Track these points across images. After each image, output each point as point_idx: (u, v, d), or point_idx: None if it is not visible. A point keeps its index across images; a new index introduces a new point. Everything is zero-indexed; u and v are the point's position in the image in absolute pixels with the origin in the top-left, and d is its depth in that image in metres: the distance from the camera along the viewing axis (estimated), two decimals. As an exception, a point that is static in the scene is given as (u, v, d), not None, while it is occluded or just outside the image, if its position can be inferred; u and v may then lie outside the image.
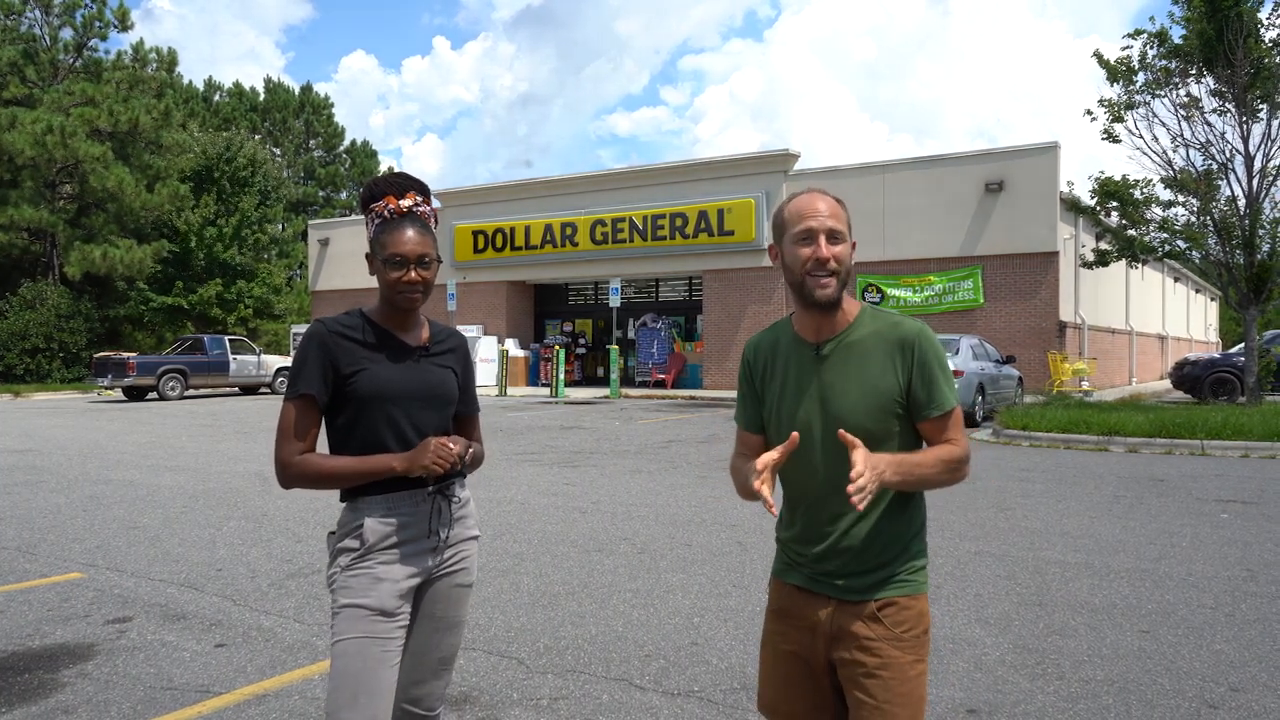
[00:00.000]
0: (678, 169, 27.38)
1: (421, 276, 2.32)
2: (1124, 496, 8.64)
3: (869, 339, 2.02)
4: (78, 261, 31.56)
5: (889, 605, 1.99)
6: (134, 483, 9.82)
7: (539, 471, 10.45)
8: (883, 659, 1.96)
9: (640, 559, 6.20)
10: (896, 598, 2.00)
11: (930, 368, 2.00)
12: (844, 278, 2.00)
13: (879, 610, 1.99)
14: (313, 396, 2.28)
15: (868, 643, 1.97)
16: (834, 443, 1.97)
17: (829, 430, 1.99)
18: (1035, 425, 13.89)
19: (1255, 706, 3.66)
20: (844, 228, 2.00)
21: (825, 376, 2.02)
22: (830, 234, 1.97)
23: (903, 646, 1.97)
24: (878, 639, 1.97)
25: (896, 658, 1.96)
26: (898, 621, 1.98)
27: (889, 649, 1.96)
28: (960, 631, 4.61)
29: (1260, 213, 17.09)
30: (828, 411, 2.01)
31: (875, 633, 1.98)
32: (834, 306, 2.01)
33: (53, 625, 4.85)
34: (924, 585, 2.06)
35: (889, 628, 1.98)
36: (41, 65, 34.79)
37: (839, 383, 2.01)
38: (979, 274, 23.03)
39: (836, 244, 1.97)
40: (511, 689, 3.91)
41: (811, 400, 2.03)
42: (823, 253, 1.96)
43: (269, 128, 55.97)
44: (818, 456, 2.02)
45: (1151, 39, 17.40)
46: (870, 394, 1.99)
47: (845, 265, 1.99)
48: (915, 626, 2.00)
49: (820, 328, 2.05)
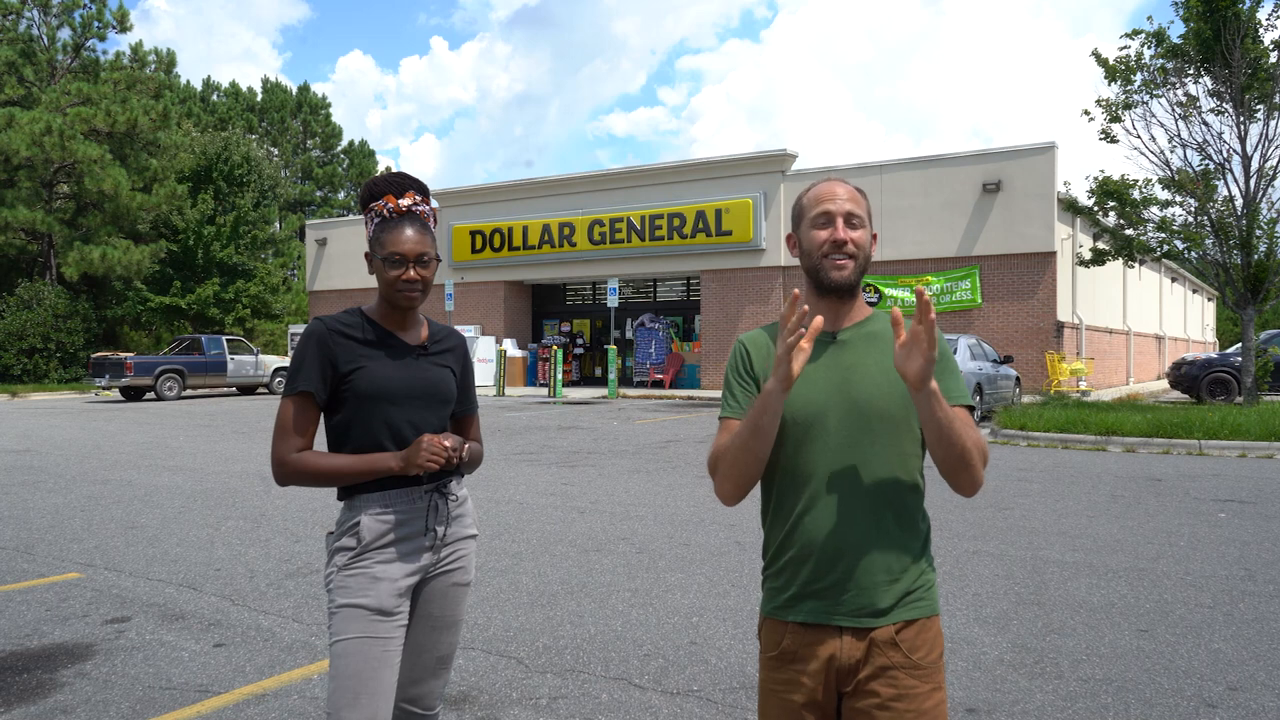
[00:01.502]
0: (675, 169, 27.38)
1: (420, 275, 2.33)
2: (1122, 496, 8.65)
3: (888, 332, 1.94)
4: (75, 262, 31.52)
5: (905, 628, 1.84)
6: (132, 483, 9.81)
7: (537, 471, 10.45)
8: (898, 690, 1.81)
9: (639, 558, 6.20)
10: (913, 619, 1.85)
11: (949, 360, 1.94)
12: (862, 263, 1.93)
13: (896, 634, 1.83)
14: (311, 394, 2.28)
15: (882, 672, 1.82)
16: (849, 430, 1.86)
17: (848, 415, 1.87)
18: (1033, 425, 13.90)
19: (1253, 705, 3.67)
20: (863, 214, 1.93)
21: (846, 361, 1.91)
22: (848, 217, 1.91)
23: (920, 675, 1.83)
24: (894, 667, 1.82)
25: (914, 687, 1.81)
26: (914, 647, 1.84)
27: (905, 678, 1.81)
28: (959, 631, 4.62)
29: (1257, 213, 17.11)
30: (848, 395, 1.88)
31: (891, 660, 1.82)
32: (849, 292, 1.93)
33: (51, 625, 4.84)
34: (937, 605, 1.92)
35: (905, 654, 1.83)
36: (39, 65, 34.75)
37: (861, 366, 1.90)
38: (976, 274, 23.05)
39: (855, 228, 1.91)
40: (510, 688, 3.91)
41: (829, 385, 1.89)
42: (840, 234, 1.90)
43: (266, 127, 55.93)
44: (831, 446, 1.87)
45: (1149, 39, 17.42)
46: (895, 377, 1.87)
47: (864, 251, 1.92)
48: (932, 651, 1.86)
49: (837, 316, 1.95)
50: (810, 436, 1.87)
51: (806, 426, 1.88)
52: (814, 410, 1.88)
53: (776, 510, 1.94)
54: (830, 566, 1.85)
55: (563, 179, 29.32)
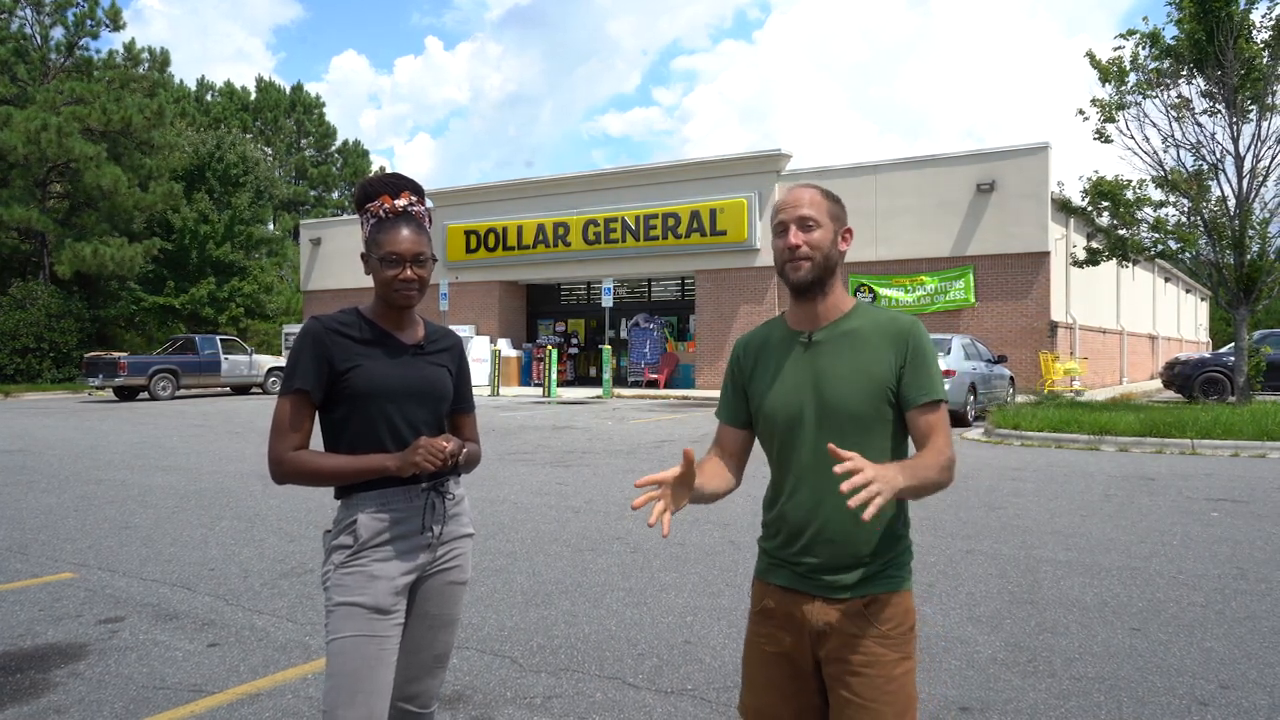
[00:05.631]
0: (670, 169, 27.39)
1: (417, 274, 2.34)
2: (1115, 495, 8.67)
3: (866, 328, 2.05)
4: (68, 260, 31.41)
5: (874, 601, 1.99)
6: (126, 483, 9.79)
7: (532, 471, 10.44)
8: (868, 656, 1.96)
9: (633, 558, 6.20)
10: (881, 594, 2.00)
11: (924, 357, 2.03)
12: (820, 261, 2.03)
13: (864, 607, 1.99)
14: (307, 393, 2.29)
15: (853, 640, 1.98)
16: (824, 429, 2.01)
17: (820, 415, 2.02)
18: (1027, 424, 13.94)
19: (1245, 704, 3.68)
20: (819, 215, 2.04)
21: (818, 363, 2.05)
22: (801, 221, 2.03)
23: (888, 644, 1.97)
24: (863, 636, 1.97)
25: (882, 655, 1.96)
26: (883, 618, 1.98)
27: (874, 646, 1.97)
28: (952, 629, 4.63)
29: (1250, 213, 17.16)
30: (820, 396, 2.02)
31: (860, 629, 1.98)
32: (812, 289, 2.05)
33: (44, 625, 4.83)
34: (909, 581, 2.06)
35: (874, 624, 1.98)
36: (32, 64, 34.66)
37: (832, 368, 2.03)
38: (970, 274, 23.10)
39: (809, 231, 2.03)
40: (505, 688, 3.91)
41: (803, 387, 2.05)
42: (790, 240, 2.03)
43: (260, 127, 55.83)
44: (807, 444, 2.03)
45: (1144, 40, 17.46)
46: (864, 378, 2.01)
47: (821, 249, 2.03)
48: (901, 623, 2.00)
49: (813, 317, 2.09)
50: (791, 435, 2.06)
51: (788, 426, 2.06)
52: (793, 411, 2.06)
53: (771, 494, 2.16)
54: (807, 548, 2.04)
55: (557, 179, 29.31)
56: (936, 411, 2.02)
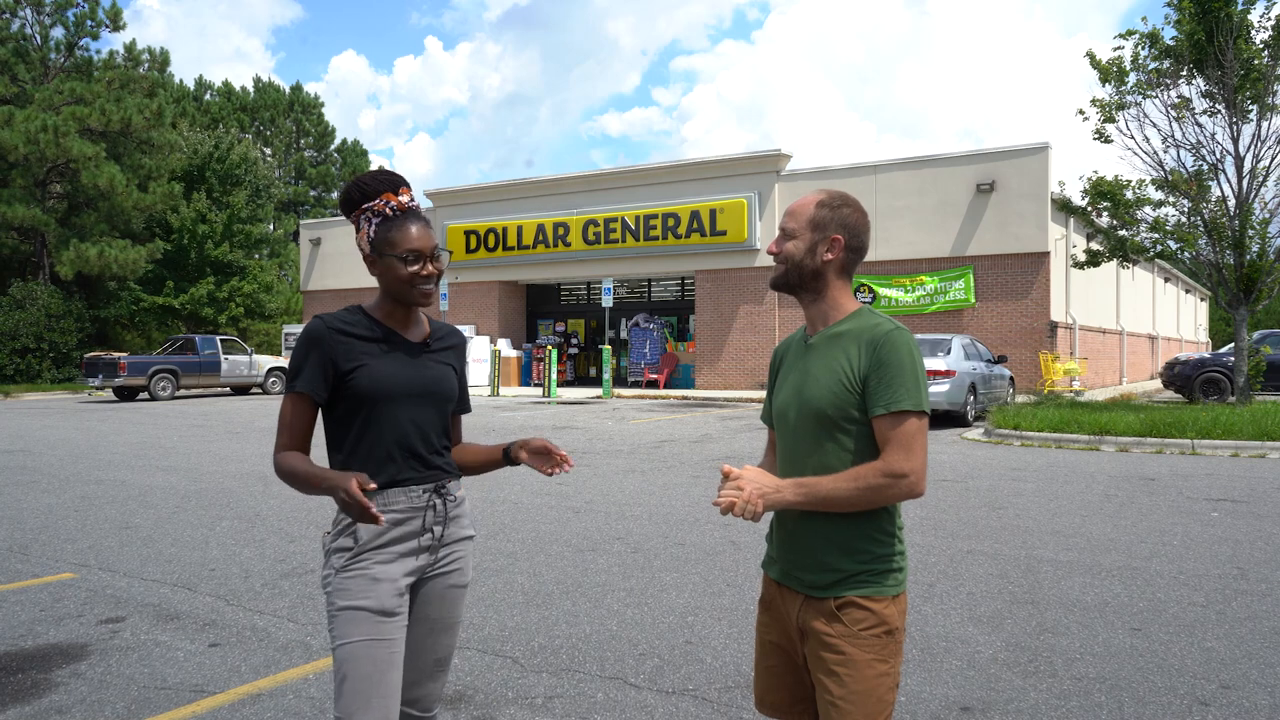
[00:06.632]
0: (670, 169, 27.39)
1: (436, 269, 2.33)
2: (1115, 495, 8.67)
3: (851, 332, 2.09)
4: (70, 260, 31.37)
5: (848, 604, 2.03)
6: (126, 483, 9.79)
7: (532, 471, 10.42)
8: (842, 656, 2.01)
9: (634, 558, 6.20)
10: (855, 597, 2.03)
11: (889, 367, 1.99)
12: (794, 268, 2.13)
13: (838, 609, 2.03)
14: (308, 394, 2.27)
15: (828, 639, 2.03)
16: (798, 430, 2.10)
17: (801, 414, 2.10)
18: (1027, 425, 13.93)
19: (1246, 704, 3.68)
20: (797, 225, 2.13)
21: (808, 365, 2.14)
22: (781, 230, 2.16)
23: (861, 645, 2.00)
24: (837, 636, 2.02)
25: (854, 655, 2.00)
26: (855, 620, 2.02)
27: (847, 646, 2.01)
28: (953, 630, 4.63)
29: (1250, 213, 17.17)
30: (801, 397, 2.11)
31: (835, 630, 2.03)
32: (794, 293, 2.17)
33: (45, 625, 4.83)
34: (889, 588, 2.04)
35: (847, 625, 2.02)
36: (32, 64, 34.65)
37: (814, 369, 2.11)
38: (970, 274, 23.10)
39: (783, 240, 2.14)
40: (506, 688, 3.91)
41: (794, 389, 2.15)
42: (770, 247, 2.17)
43: (258, 127, 55.79)
44: (789, 441, 2.14)
45: (1143, 40, 17.47)
46: (831, 379, 2.06)
47: (792, 259, 2.13)
48: (875, 627, 2.02)
49: (813, 320, 2.18)
50: (781, 432, 2.19)
51: (780, 424, 2.18)
52: (781, 410, 2.18)
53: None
54: (785, 546, 2.15)
55: (557, 179, 29.30)
56: (897, 424, 1.97)
